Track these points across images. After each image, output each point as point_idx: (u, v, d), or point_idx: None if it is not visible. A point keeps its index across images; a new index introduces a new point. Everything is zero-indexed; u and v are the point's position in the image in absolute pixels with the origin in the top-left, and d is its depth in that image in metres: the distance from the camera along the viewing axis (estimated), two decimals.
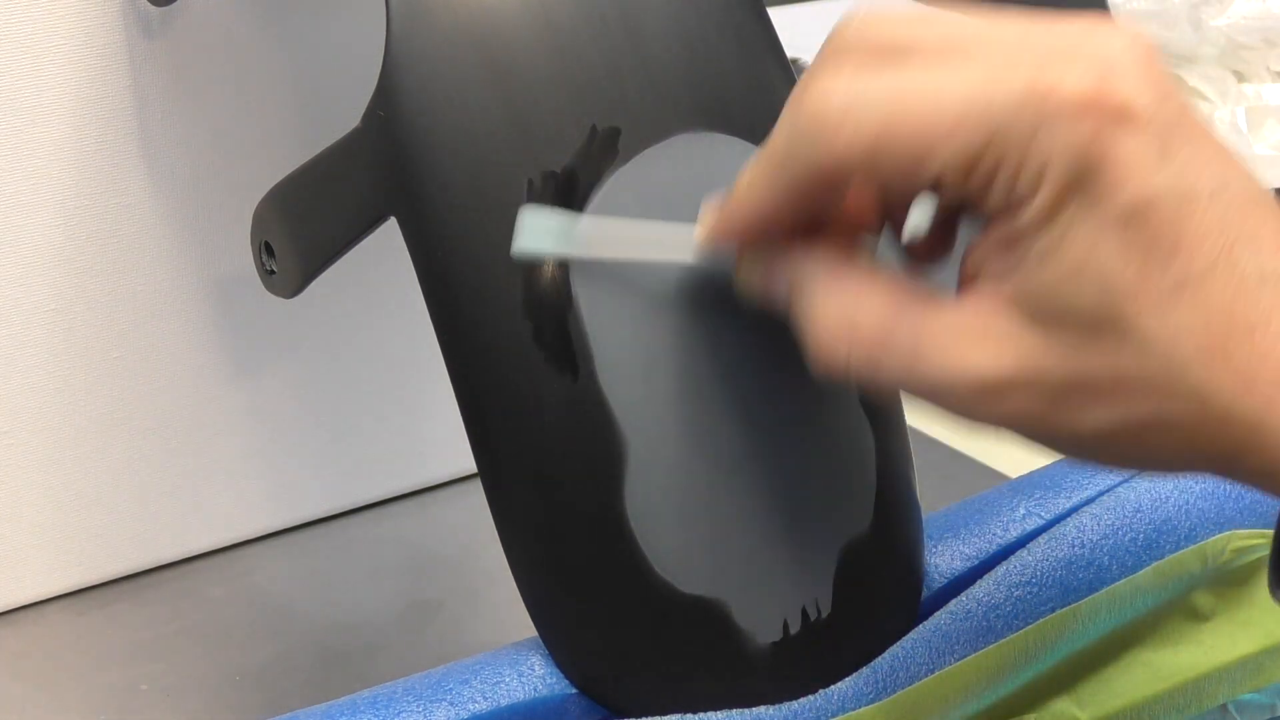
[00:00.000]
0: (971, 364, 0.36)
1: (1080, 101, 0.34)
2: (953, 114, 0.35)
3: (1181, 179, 0.34)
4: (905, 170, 0.35)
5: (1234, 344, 0.34)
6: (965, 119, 0.34)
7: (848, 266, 0.38)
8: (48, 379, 0.64)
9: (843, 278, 0.38)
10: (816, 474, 0.44)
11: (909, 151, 0.35)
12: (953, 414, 0.37)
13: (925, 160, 0.35)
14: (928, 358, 0.36)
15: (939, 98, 0.35)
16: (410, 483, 0.74)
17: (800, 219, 0.38)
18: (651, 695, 0.43)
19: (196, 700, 0.62)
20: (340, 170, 0.45)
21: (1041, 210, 0.35)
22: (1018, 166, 0.35)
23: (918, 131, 0.35)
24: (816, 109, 0.36)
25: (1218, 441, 0.35)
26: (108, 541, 0.68)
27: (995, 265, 0.36)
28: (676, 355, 0.42)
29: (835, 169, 0.36)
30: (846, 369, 0.38)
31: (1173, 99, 0.35)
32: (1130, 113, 0.34)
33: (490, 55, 0.42)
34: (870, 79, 0.36)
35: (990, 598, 0.46)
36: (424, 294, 0.43)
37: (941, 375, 0.36)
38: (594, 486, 0.42)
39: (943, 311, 0.37)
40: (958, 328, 0.36)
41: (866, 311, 0.37)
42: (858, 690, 0.44)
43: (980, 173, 0.35)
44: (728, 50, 0.45)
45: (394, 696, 0.43)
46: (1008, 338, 0.36)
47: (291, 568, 0.70)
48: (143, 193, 0.64)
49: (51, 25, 0.60)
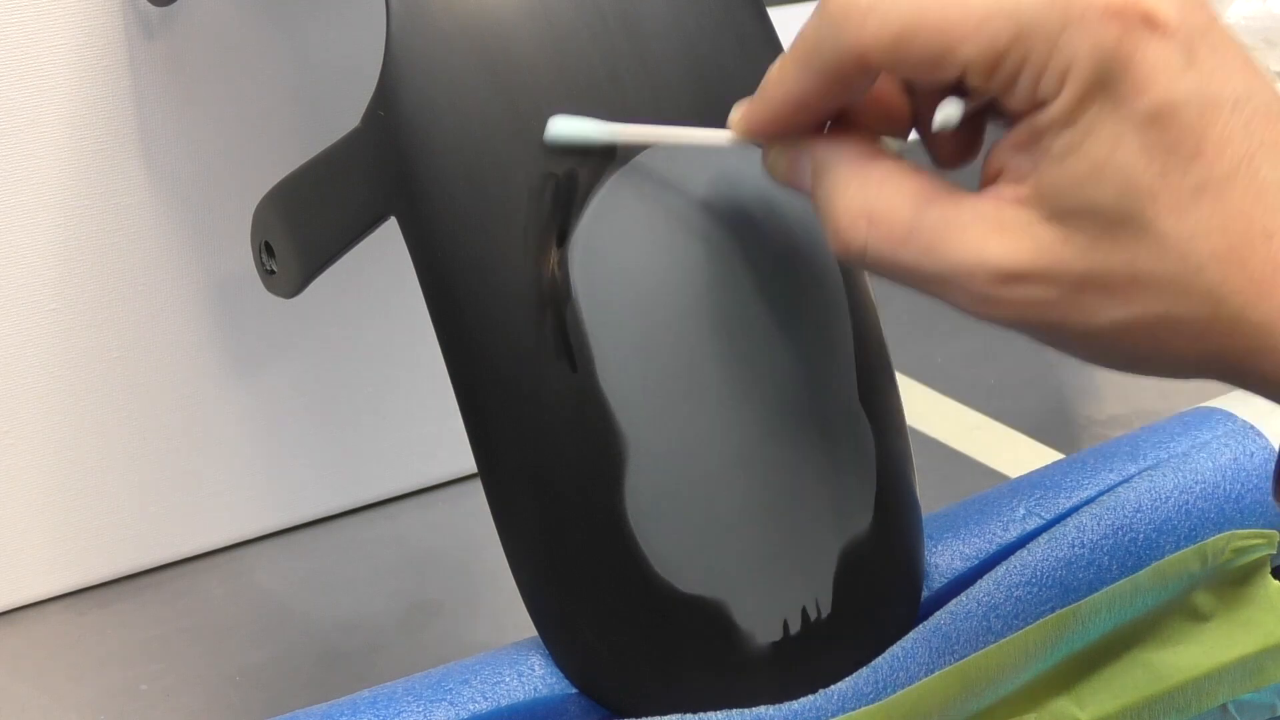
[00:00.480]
0: (990, 253, 0.37)
1: (1108, 4, 0.35)
2: (980, 9, 0.35)
3: (1206, 86, 0.35)
4: (930, 63, 0.36)
5: (1250, 249, 0.35)
6: (992, 15, 0.35)
7: (872, 157, 0.39)
8: (48, 379, 0.64)
9: (866, 166, 0.39)
10: (816, 474, 0.44)
11: (934, 44, 0.36)
12: (966, 303, 0.38)
13: (950, 54, 0.36)
14: (946, 246, 0.37)
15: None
16: (410, 483, 0.74)
17: (827, 109, 0.39)
18: (651, 695, 0.43)
19: (196, 700, 0.62)
20: (340, 170, 0.45)
21: (1064, 109, 0.36)
22: (1042, 65, 0.35)
23: (943, 25, 0.36)
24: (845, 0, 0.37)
25: (1228, 344, 0.36)
26: (108, 541, 0.68)
27: (1017, 163, 0.37)
28: (677, 354, 0.42)
29: (861, 58, 0.37)
30: (864, 254, 0.38)
31: (1201, 9, 0.36)
32: (1157, 18, 0.35)
33: (490, 55, 0.42)
34: None
35: (990, 598, 0.46)
36: (424, 293, 0.43)
37: (959, 263, 0.37)
38: (594, 486, 0.42)
39: (963, 203, 0.37)
40: (977, 218, 0.37)
41: (888, 198, 0.38)
42: (858, 690, 0.44)
43: (1005, 70, 0.36)
44: (728, 50, 0.45)
45: (394, 696, 0.43)
46: (1026, 230, 0.37)
47: (291, 568, 0.70)
48: (143, 193, 0.64)
49: (51, 26, 0.60)
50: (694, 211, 0.43)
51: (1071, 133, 0.36)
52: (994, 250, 0.37)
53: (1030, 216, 0.37)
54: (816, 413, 0.44)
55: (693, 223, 0.43)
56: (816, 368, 0.44)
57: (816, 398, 0.44)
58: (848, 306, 0.45)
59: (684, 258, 0.43)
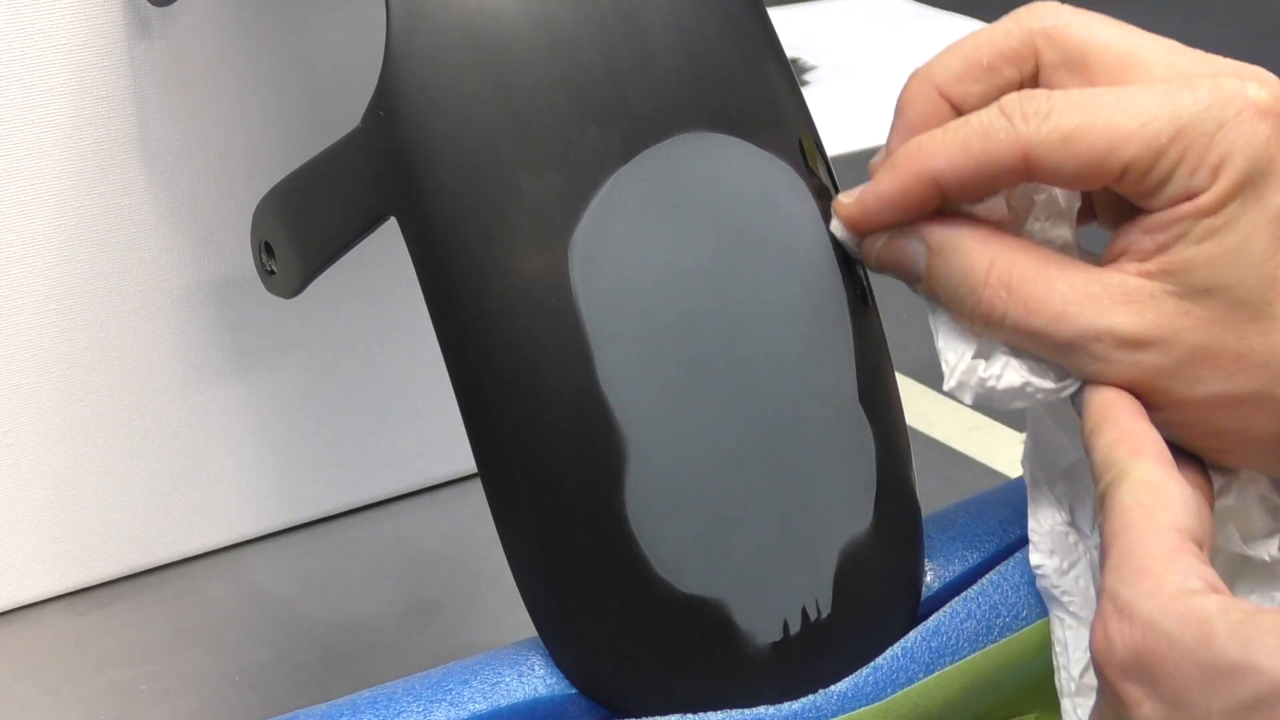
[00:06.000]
0: (1117, 320, 0.41)
1: (1261, 108, 0.40)
2: (1143, 113, 0.40)
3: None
4: (1095, 162, 0.40)
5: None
6: (1155, 116, 0.40)
7: (995, 233, 0.43)
8: (48, 379, 0.64)
9: (995, 241, 0.43)
10: (816, 474, 0.44)
11: (1101, 144, 0.40)
12: (1087, 365, 0.42)
13: (1114, 152, 0.40)
14: (1076, 314, 0.41)
15: (1131, 100, 0.40)
16: (410, 483, 0.74)
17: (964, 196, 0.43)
18: (651, 695, 0.43)
19: (196, 700, 0.62)
20: (340, 170, 0.45)
21: (1215, 197, 0.40)
22: (1199, 160, 0.40)
23: (1110, 126, 0.40)
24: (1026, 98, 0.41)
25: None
26: (108, 541, 0.68)
27: (1145, 244, 0.41)
28: (677, 354, 0.42)
29: (1028, 153, 0.41)
30: (1003, 321, 0.42)
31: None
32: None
33: (490, 55, 0.42)
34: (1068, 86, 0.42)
35: (990, 598, 0.46)
36: (424, 293, 0.43)
37: (1087, 328, 0.41)
38: (594, 486, 0.42)
39: (1090, 274, 0.42)
40: (1105, 289, 0.41)
41: (1021, 270, 0.42)
42: (858, 690, 0.44)
43: (1161, 166, 0.40)
44: (728, 50, 0.45)
45: (394, 696, 0.43)
46: (1151, 302, 0.41)
47: (291, 568, 0.70)
48: (143, 193, 0.64)
49: (51, 26, 0.60)
50: (694, 211, 0.43)
51: (1213, 220, 0.40)
52: (1120, 318, 0.41)
53: (1156, 289, 0.41)
54: (816, 413, 0.44)
55: (693, 223, 0.43)
56: (816, 368, 0.44)
57: (816, 398, 0.44)
58: (848, 306, 0.45)
59: (684, 258, 0.43)
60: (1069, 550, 0.45)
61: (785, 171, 0.44)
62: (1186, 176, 0.40)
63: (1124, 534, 0.39)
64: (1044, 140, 0.40)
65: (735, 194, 0.44)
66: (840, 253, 0.45)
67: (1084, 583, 0.45)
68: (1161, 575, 0.37)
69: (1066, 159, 0.40)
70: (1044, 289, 0.41)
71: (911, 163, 0.43)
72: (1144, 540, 0.38)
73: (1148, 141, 0.40)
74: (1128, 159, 0.40)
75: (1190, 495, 0.39)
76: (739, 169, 0.44)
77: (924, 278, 0.43)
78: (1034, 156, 0.41)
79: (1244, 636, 0.35)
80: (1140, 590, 0.37)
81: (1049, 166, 0.41)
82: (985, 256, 0.42)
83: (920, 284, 0.44)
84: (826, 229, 0.45)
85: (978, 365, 0.43)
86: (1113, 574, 0.38)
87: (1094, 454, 0.41)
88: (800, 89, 0.47)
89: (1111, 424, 0.41)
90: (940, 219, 0.43)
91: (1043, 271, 0.42)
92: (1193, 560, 0.38)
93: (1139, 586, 0.37)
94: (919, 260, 0.43)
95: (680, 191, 0.43)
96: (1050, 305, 0.41)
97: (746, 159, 0.44)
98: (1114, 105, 0.40)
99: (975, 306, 0.42)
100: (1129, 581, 0.38)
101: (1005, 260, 0.42)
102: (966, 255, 0.42)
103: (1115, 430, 0.41)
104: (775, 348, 0.43)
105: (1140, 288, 0.41)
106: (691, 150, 0.43)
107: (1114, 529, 0.39)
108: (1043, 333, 0.42)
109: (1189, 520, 0.39)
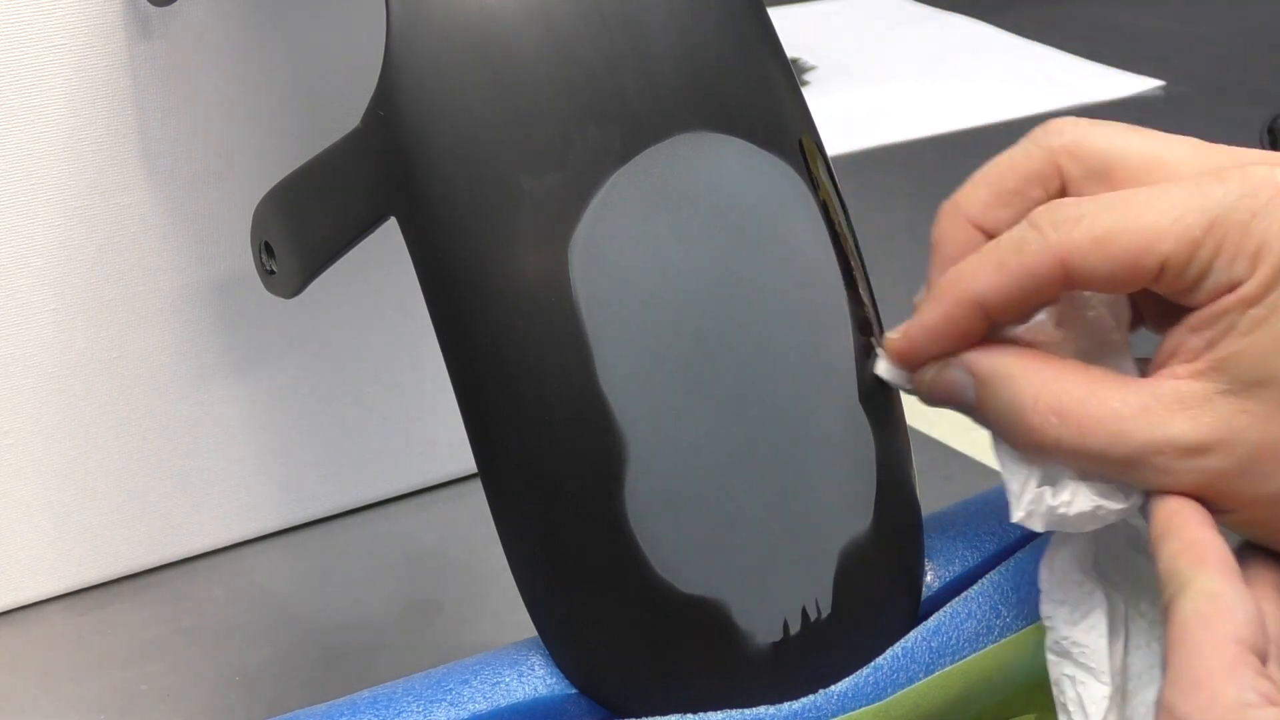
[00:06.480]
0: (1175, 429, 0.40)
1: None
2: (1176, 208, 0.40)
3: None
4: (1132, 261, 0.40)
5: None
6: (1188, 210, 0.40)
7: (1039, 357, 0.42)
8: (47, 379, 0.64)
9: (1041, 367, 0.42)
10: (816, 474, 0.44)
11: (1137, 243, 0.40)
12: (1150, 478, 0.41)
13: (1150, 250, 0.40)
14: (1132, 429, 0.40)
15: (1161, 197, 0.40)
16: (410, 483, 0.74)
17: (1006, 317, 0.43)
18: (651, 695, 0.43)
19: (196, 700, 0.62)
20: (340, 170, 0.45)
21: (1258, 286, 0.39)
22: (1236, 250, 0.39)
23: (1143, 224, 0.40)
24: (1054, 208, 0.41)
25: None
26: (108, 541, 0.68)
27: (1193, 343, 0.40)
28: (677, 354, 0.42)
29: (1065, 261, 0.40)
30: (1058, 446, 0.41)
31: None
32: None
33: (490, 55, 0.42)
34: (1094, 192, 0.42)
35: (990, 598, 0.46)
36: (424, 294, 0.43)
37: (1146, 442, 0.40)
38: (594, 486, 0.42)
39: (1141, 388, 0.41)
40: (1157, 399, 0.40)
41: (1069, 393, 0.41)
42: (858, 690, 0.44)
43: (1201, 257, 0.40)
44: (728, 50, 0.45)
45: (394, 696, 0.43)
46: (1207, 404, 0.40)
47: (291, 568, 0.70)
48: (142, 193, 0.64)
49: (52, 26, 0.60)
50: (694, 212, 0.43)
51: (1258, 310, 0.39)
52: (1178, 427, 0.40)
53: (1209, 390, 0.40)
54: (816, 413, 0.44)
55: (693, 223, 0.43)
56: (817, 368, 0.44)
57: (816, 398, 0.44)
58: (848, 306, 0.45)
59: (684, 258, 0.43)
60: (1083, 599, 0.44)
61: (785, 172, 0.44)
62: (1226, 268, 0.39)
63: (1183, 646, 0.38)
64: (1078, 245, 0.40)
65: (735, 194, 0.44)
66: (840, 253, 0.45)
67: (1098, 633, 0.43)
68: (1218, 688, 0.37)
69: (1102, 261, 0.40)
70: (1095, 409, 0.41)
71: (951, 290, 0.42)
72: (1201, 652, 0.38)
73: (1182, 235, 0.39)
74: (1164, 255, 0.40)
75: (1253, 605, 0.39)
76: (739, 169, 0.44)
77: (976, 408, 0.43)
78: (1070, 263, 0.40)
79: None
80: (1196, 704, 0.37)
81: (1085, 271, 0.40)
82: (1032, 383, 0.42)
83: (974, 414, 0.43)
84: (826, 229, 0.45)
85: (1044, 493, 0.42)
86: (1171, 687, 0.38)
87: (1160, 564, 0.40)
88: (800, 89, 0.47)
89: (1175, 534, 0.40)
90: (985, 347, 0.43)
91: (1093, 392, 0.41)
92: (1250, 673, 0.37)
93: (1194, 700, 0.37)
94: (968, 391, 0.43)
95: (680, 191, 0.43)
96: (1105, 424, 0.41)
97: (746, 159, 0.44)
98: (1145, 204, 0.40)
99: (1027, 435, 0.42)
100: (1186, 695, 0.37)
101: (1053, 385, 0.41)
102: (1012, 383, 0.42)
103: (1179, 541, 0.40)
104: (775, 348, 0.43)
105: (1194, 391, 0.40)
106: (691, 150, 0.43)
107: (1174, 640, 0.38)
108: (1101, 453, 0.41)
109: (1249, 631, 0.38)
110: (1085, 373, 0.42)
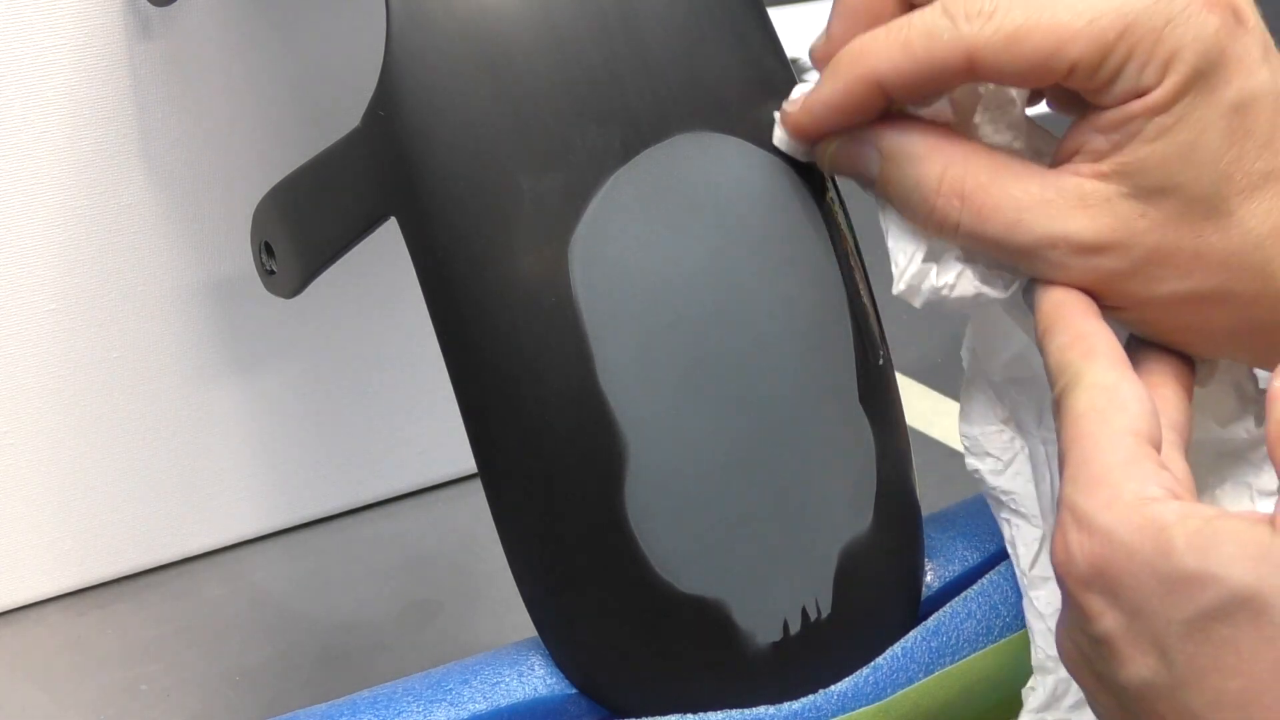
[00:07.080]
0: (1074, 227, 0.40)
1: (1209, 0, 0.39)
2: (1089, 10, 0.39)
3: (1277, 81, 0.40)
4: (1041, 62, 0.39)
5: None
6: (1101, 14, 0.39)
7: (947, 136, 0.42)
8: (47, 379, 0.64)
9: (947, 146, 0.42)
10: (816, 474, 0.44)
11: (1047, 43, 0.39)
12: (1044, 271, 0.41)
13: (1060, 52, 0.39)
14: (1031, 220, 0.40)
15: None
16: (410, 483, 0.74)
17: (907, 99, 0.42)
18: (651, 695, 0.43)
19: (196, 700, 0.62)
20: (340, 170, 0.45)
21: (1166, 94, 0.39)
22: (1147, 57, 0.39)
23: (1055, 25, 0.39)
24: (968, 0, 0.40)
25: (1269, 318, 0.40)
26: (108, 541, 0.68)
27: (1098, 143, 0.40)
28: (677, 354, 0.42)
29: (972, 56, 0.39)
30: (957, 229, 0.41)
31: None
32: (1243, 16, 0.39)
33: (490, 55, 0.42)
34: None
35: (990, 598, 0.47)
36: (424, 293, 0.43)
37: (1044, 235, 0.40)
38: (594, 486, 0.42)
39: (1045, 178, 0.41)
40: (1060, 193, 0.40)
41: (974, 176, 0.41)
42: (858, 690, 0.44)
43: (1110, 64, 0.39)
44: (728, 50, 0.45)
45: (394, 696, 0.43)
46: (1107, 205, 0.40)
47: (291, 568, 0.70)
48: (142, 193, 0.64)
49: (52, 26, 0.60)
50: (694, 211, 0.43)
51: (1165, 118, 0.39)
52: (1076, 224, 0.40)
53: (1110, 191, 0.40)
54: (816, 413, 0.44)
55: (693, 223, 0.43)
56: (817, 367, 0.44)
57: (816, 398, 0.44)
58: (848, 306, 0.45)
59: (684, 258, 0.43)
60: (1004, 448, 0.44)
61: (785, 171, 0.44)
62: (1135, 74, 0.39)
63: (1079, 442, 0.38)
64: (988, 41, 0.39)
65: (735, 194, 0.44)
66: (840, 253, 0.45)
67: (1024, 478, 0.44)
68: (1118, 484, 0.36)
69: (1011, 60, 0.39)
70: (997, 196, 0.41)
71: (854, 66, 0.41)
72: (1099, 448, 0.37)
73: (1094, 39, 0.39)
74: (1074, 58, 0.39)
75: (1146, 396, 0.38)
76: (739, 169, 0.44)
77: (877, 182, 0.43)
78: (978, 58, 0.40)
79: (1202, 545, 0.35)
80: (1097, 500, 0.36)
81: (994, 68, 0.40)
82: (938, 164, 0.41)
83: (874, 187, 0.43)
84: (826, 229, 0.45)
85: (929, 270, 0.42)
86: (1070, 484, 0.37)
87: (1047, 357, 0.40)
88: None
89: (1064, 325, 0.40)
90: (892, 123, 0.42)
91: (996, 178, 0.41)
92: (1150, 466, 0.37)
93: (1096, 496, 0.36)
94: (872, 165, 0.42)
95: (680, 191, 0.43)
96: (1005, 212, 0.40)
97: (746, 159, 0.44)
98: (1059, 3, 0.39)
99: (929, 214, 0.41)
100: (1086, 491, 0.37)
101: (958, 167, 0.41)
102: (919, 163, 0.41)
103: (1068, 333, 0.40)
104: (775, 347, 0.43)
105: (1095, 191, 0.40)
106: (691, 150, 0.43)
107: (1069, 436, 0.38)
108: (997, 240, 0.41)
109: (1146, 423, 0.38)
110: (990, 157, 0.41)
